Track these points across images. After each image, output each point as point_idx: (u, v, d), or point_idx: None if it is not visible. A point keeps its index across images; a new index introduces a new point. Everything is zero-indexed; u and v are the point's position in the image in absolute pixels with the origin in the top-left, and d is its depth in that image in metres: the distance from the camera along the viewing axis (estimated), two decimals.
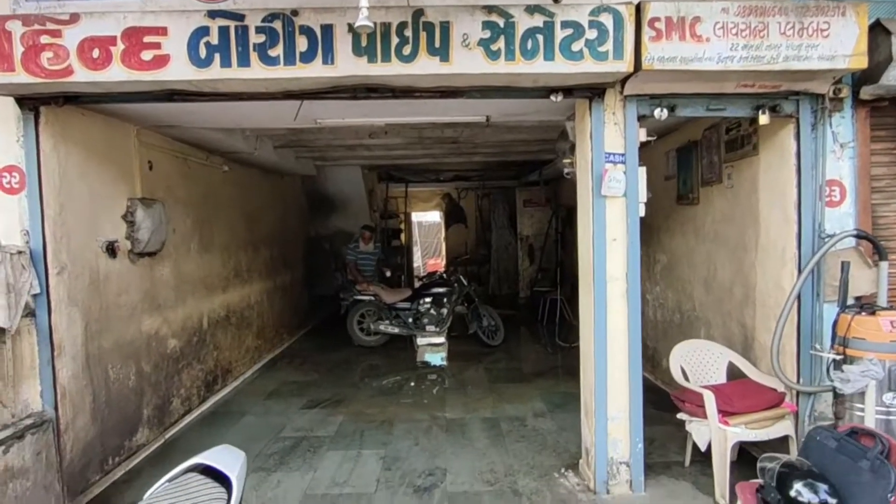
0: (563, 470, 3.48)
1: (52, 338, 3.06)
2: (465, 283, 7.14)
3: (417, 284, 8.46)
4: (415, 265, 13.57)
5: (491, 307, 7.25)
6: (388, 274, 7.66)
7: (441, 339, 6.95)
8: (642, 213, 3.10)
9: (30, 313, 3.00)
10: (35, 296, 3.00)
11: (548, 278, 9.51)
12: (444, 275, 7.38)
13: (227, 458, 1.88)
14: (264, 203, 6.69)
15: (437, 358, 6.67)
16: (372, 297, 6.97)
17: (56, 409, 3.05)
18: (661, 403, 4.04)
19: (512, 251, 10.67)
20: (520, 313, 9.66)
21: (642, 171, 3.11)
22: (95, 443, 3.36)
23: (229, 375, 5.37)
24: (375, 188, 10.26)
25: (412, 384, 5.53)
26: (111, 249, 3.63)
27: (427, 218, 16.14)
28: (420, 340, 6.89)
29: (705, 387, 3.26)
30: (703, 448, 3.17)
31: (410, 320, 6.94)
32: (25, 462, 2.80)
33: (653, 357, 5.17)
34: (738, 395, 3.17)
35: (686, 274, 4.60)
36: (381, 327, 6.94)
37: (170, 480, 1.79)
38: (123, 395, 3.69)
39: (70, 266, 3.21)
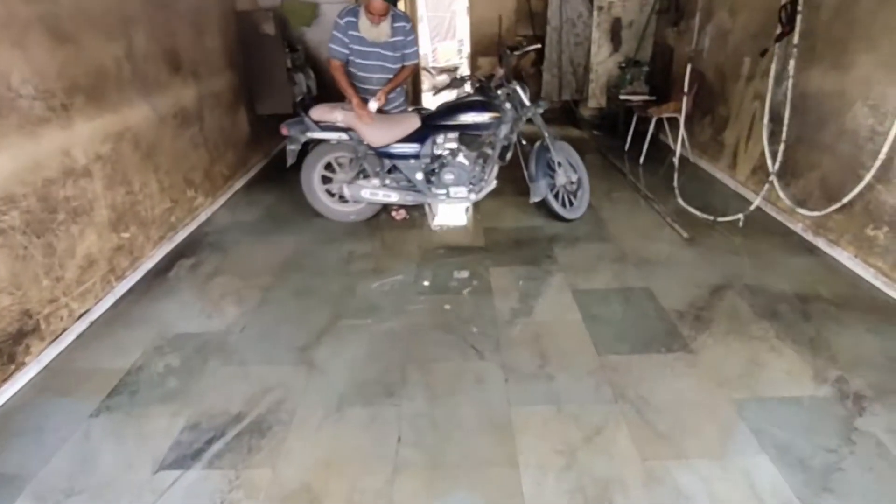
0: None
1: None
2: (524, 99, 3.66)
3: (434, 106, 3.86)
4: (420, 53, 9.52)
5: (569, 145, 3.90)
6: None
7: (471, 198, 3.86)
8: None
9: None
10: None
11: (641, 77, 5.83)
12: (482, 80, 3.83)
13: None
14: None
15: (456, 214, 3.80)
16: (344, 136, 3.58)
17: None
18: None
19: (583, 31, 6.63)
20: (586, 134, 6.24)
21: None
22: None
23: (32, 337, 2.42)
24: None
25: (418, 348, 2.55)
26: None
27: None
28: (439, 213, 3.82)
29: None
30: None
31: (420, 177, 3.68)
32: None
33: None
34: None
35: None
36: (365, 193, 3.71)
37: None
38: None
39: None
